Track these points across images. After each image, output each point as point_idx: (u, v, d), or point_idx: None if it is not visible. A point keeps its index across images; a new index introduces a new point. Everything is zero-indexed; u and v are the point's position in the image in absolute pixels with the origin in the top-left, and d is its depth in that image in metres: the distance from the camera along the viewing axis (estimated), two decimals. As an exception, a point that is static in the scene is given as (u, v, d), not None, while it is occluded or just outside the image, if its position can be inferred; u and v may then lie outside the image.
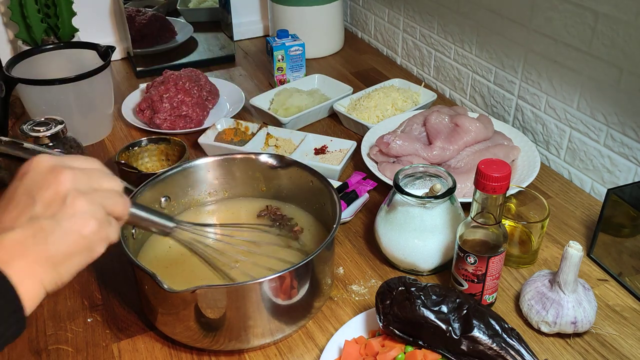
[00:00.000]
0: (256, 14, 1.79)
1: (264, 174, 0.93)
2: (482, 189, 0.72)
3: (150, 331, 0.80)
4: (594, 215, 1.01)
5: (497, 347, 0.68)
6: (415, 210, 0.84)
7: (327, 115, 1.34)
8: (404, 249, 0.86)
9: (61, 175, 0.54)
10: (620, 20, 0.94)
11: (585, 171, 1.08)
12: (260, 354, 0.77)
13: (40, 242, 0.51)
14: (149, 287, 0.73)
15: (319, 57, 1.64)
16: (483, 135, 1.07)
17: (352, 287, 0.87)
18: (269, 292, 0.71)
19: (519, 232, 0.91)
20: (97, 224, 0.54)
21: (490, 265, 0.77)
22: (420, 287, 0.72)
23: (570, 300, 0.76)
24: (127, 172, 1.01)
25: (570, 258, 0.74)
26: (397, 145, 1.05)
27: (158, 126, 1.24)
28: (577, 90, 1.06)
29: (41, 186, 0.53)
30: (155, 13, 1.52)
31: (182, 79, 1.29)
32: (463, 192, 0.99)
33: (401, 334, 0.71)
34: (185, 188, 0.92)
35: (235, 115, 1.32)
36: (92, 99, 1.21)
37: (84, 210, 0.53)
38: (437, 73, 1.45)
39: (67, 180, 0.53)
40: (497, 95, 1.27)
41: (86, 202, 0.54)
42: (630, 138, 0.98)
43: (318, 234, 0.88)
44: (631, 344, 0.78)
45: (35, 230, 0.51)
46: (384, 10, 1.62)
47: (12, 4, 1.36)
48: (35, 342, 0.79)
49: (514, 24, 1.16)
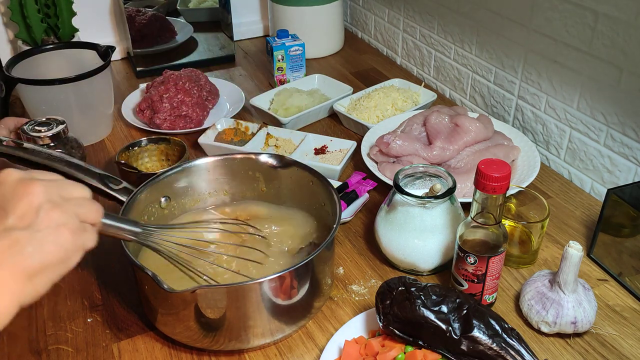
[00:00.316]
0: (256, 14, 1.79)
1: (264, 174, 0.93)
2: (482, 189, 0.72)
3: (150, 331, 0.80)
4: (594, 215, 1.01)
5: (497, 347, 0.68)
6: (415, 210, 0.84)
7: (327, 115, 1.34)
8: (404, 249, 0.86)
9: (32, 186, 0.53)
10: (620, 20, 0.94)
11: (585, 171, 1.08)
12: (260, 354, 0.77)
13: (15, 253, 0.50)
14: (149, 287, 0.73)
15: (319, 57, 1.64)
16: (483, 135, 1.07)
17: (352, 287, 0.87)
18: (269, 292, 0.71)
19: (519, 232, 0.91)
20: (72, 234, 0.54)
21: (490, 265, 0.77)
22: (420, 287, 0.72)
23: (570, 300, 0.76)
24: (127, 172, 1.01)
25: (570, 258, 0.74)
26: (397, 145, 1.05)
27: (158, 126, 1.24)
28: (577, 90, 1.06)
29: (12, 198, 0.53)
30: (155, 13, 1.52)
31: (182, 79, 1.29)
32: (463, 192, 0.99)
33: (401, 334, 0.71)
34: (185, 188, 0.91)
35: (235, 115, 1.32)
36: (92, 99, 1.21)
37: (59, 220, 0.53)
38: (437, 73, 1.45)
39: (39, 192, 0.53)
40: (497, 95, 1.27)
41: (60, 212, 0.53)
42: (630, 138, 0.98)
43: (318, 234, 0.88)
44: (631, 344, 0.78)
45: (10, 242, 0.50)
46: (384, 10, 1.62)
47: (12, 4, 1.36)
48: (35, 342, 0.79)
49: (514, 24, 1.16)
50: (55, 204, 0.54)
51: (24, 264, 0.50)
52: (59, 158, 0.86)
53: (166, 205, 0.90)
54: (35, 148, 0.87)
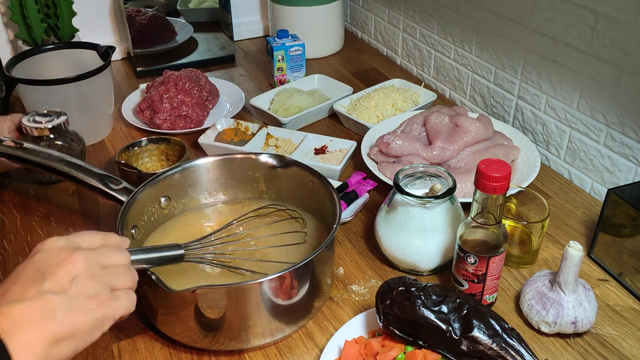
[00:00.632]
0: (256, 14, 1.79)
1: (264, 174, 0.93)
2: (482, 189, 0.72)
3: (150, 331, 0.80)
4: (594, 215, 1.01)
5: (497, 347, 0.68)
6: (415, 210, 0.84)
7: (327, 115, 1.34)
8: (404, 249, 0.86)
9: (74, 256, 0.55)
10: (620, 20, 0.94)
11: (585, 171, 1.08)
12: (260, 354, 0.77)
13: (46, 316, 0.51)
14: (149, 287, 0.73)
15: (319, 57, 1.64)
16: (483, 135, 1.07)
17: (352, 287, 0.87)
18: (269, 292, 0.71)
19: (519, 232, 0.91)
20: (99, 305, 0.55)
21: (491, 265, 0.77)
22: (420, 287, 0.72)
23: (570, 300, 0.76)
24: (127, 172, 1.01)
25: (570, 258, 0.74)
26: (397, 145, 1.05)
27: (158, 126, 1.24)
28: (577, 90, 1.06)
29: (53, 264, 0.54)
30: (155, 13, 1.52)
31: (182, 79, 1.29)
32: (463, 192, 0.99)
33: (401, 334, 0.71)
34: (185, 188, 0.92)
35: (235, 115, 1.32)
36: (92, 99, 1.21)
37: (91, 290, 0.55)
38: (437, 73, 1.45)
39: (80, 262, 0.55)
40: (497, 96, 1.27)
41: (94, 283, 0.55)
42: (630, 138, 0.98)
43: (318, 234, 0.88)
44: (631, 344, 0.78)
45: (43, 304, 0.51)
46: (384, 10, 1.62)
47: (12, 4, 1.36)
48: (35, 342, 0.79)
49: (514, 24, 1.16)
50: (92, 274, 0.55)
51: (53, 328, 0.51)
52: (59, 158, 0.86)
53: (166, 205, 0.90)
54: (35, 148, 0.87)
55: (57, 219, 1.02)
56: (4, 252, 0.94)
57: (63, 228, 1.00)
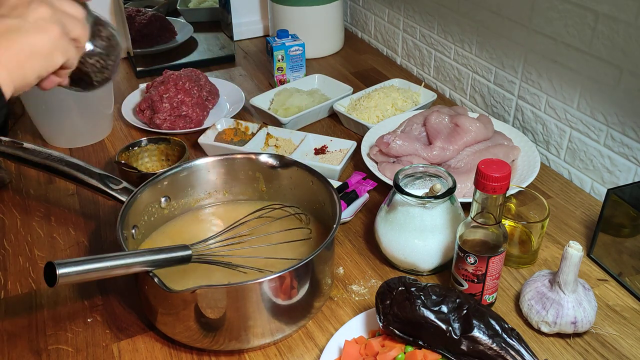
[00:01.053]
0: (256, 14, 1.79)
1: (264, 174, 0.93)
2: (482, 189, 0.72)
3: (150, 331, 0.80)
4: (594, 215, 1.01)
5: (497, 347, 0.68)
6: (415, 210, 0.84)
7: (327, 115, 1.34)
8: (404, 249, 0.86)
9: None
10: (620, 20, 0.94)
11: (585, 171, 1.08)
12: (260, 354, 0.77)
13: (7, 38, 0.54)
14: (149, 287, 0.73)
15: (319, 57, 1.64)
16: (483, 135, 1.07)
17: (352, 287, 0.87)
18: (269, 292, 0.71)
19: (519, 232, 0.91)
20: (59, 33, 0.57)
21: (490, 265, 0.77)
22: (420, 287, 0.72)
23: (570, 300, 0.76)
24: (127, 172, 1.01)
25: (570, 258, 0.74)
26: (397, 145, 1.05)
27: (158, 126, 1.24)
28: (577, 90, 1.06)
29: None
30: (155, 13, 1.52)
31: (182, 79, 1.29)
32: (463, 192, 0.99)
33: (401, 334, 0.71)
34: (185, 188, 0.92)
35: (235, 115, 1.32)
36: (92, 99, 1.21)
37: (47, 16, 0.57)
38: (437, 73, 1.45)
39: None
40: (497, 95, 1.27)
41: (50, 10, 0.57)
42: (630, 138, 0.98)
43: (318, 234, 0.88)
44: (631, 344, 0.78)
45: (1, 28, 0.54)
46: (384, 10, 1.62)
47: (12, 3, 1.36)
48: (35, 342, 0.79)
49: (514, 24, 1.16)
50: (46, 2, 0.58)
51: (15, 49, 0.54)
52: (59, 158, 0.86)
53: (166, 205, 0.90)
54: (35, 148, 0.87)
55: (57, 219, 1.02)
56: (4, 252, 0.94)
57: (63, 228, 1.00)
